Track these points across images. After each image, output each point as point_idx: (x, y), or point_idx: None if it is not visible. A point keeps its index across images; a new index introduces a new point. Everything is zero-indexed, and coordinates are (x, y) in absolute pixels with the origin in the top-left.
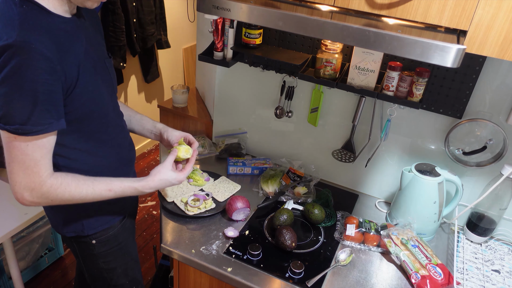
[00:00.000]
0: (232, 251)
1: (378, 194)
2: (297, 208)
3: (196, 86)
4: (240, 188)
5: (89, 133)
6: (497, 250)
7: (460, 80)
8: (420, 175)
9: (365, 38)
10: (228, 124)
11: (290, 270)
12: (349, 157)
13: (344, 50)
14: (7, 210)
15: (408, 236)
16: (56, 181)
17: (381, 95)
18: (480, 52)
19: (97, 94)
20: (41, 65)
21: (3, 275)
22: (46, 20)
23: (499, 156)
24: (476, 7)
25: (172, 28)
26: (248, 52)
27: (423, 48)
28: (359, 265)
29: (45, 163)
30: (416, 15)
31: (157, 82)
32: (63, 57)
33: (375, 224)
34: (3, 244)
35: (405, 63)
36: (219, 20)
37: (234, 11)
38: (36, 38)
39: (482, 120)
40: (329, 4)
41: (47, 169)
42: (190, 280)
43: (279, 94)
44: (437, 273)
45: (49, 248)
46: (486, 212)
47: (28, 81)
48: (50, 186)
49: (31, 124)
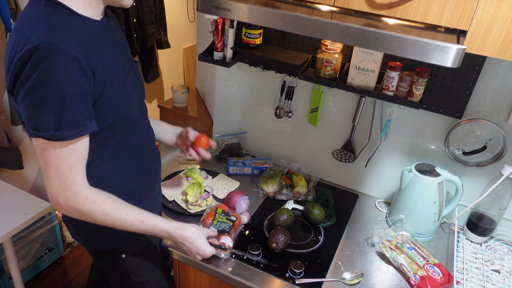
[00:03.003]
0: (232, 251)
1: (378, 194)
2: (297, 208)
3: (196, 86)
4: (239, 185)
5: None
6: (497, 250)
7: (460, 80)
8: (420, 175)
9: (365, 38)
10: (228, 124)
11: (290, 270)
12: (349, 157)
13: (344, 50)
14: (7, 210)
15: (402, 239)
16: (93, 194)
17: (381, 95)
18: (480, 52)
19: (127, 100)
20: (69, 66)
21: (3, 275)
22: (72, 21)
23: (499, 156)
24: (476, 7)
25: (172, 28)
26: (248, 52)
27: (423, 48)
28: (359, 265)
29: (80, 169)
30: (416, 15)
31: (157, 82)
32: (91, 59)
33: None
34: (3, 244)
35: (405, 63)
36: (219, 20)
37: (234, 11)
38: (62, 39)
39: (482, 120)
40: (329, 4)
41: (82, 178)
42: (190, 280)
43: (279, 94)
44: (436, 273)
45: (49, 248)
46: (486, 212)
47: (58, 84)
48: (86, 198)
49: (65, 128)
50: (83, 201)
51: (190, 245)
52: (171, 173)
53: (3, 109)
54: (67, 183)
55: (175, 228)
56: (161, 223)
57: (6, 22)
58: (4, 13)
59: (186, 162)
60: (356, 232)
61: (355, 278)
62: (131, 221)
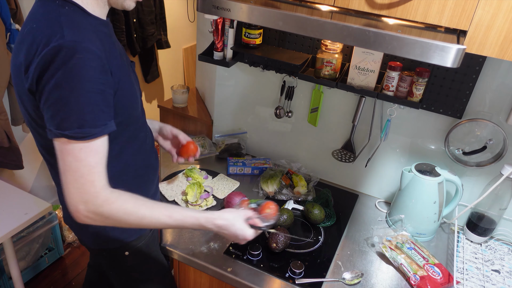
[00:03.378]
0: (232, 251)
1: (378, 194)
2: (297, 208)
3: (196, 86)
4: (239, 185)
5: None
6: (497, 250)
7: (460, 80)
8: (420, 175)
9: (365, 38)
10: (228, 124)
11: (290, 270)
12: (349, 157)
13: (344, 50)
14: (7, 210)
15: (402, 239)
16: (112, 195)
17: (381, 95)
18: (480, 52)
19: (134, 98)
20: (93, 64)
21: (3, 275)
22: (88, 21)
23: (499, 156)
24: (476, 7)
25: (172, 28)
26: (248, 52)
27: (423, 48)
28: (359, 265)
29: (100, 171)
30: (416, 15)
31: (157, 82)
32: (109, 57)
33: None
34: (3, 244)
35: (405, 63)
36: (219, 20)
37: (234, 11)
38: (85, 37)
39: (482, 120)
40: (329, 4)
41: (101, 179)
42: (190, 280)
43: (279, 94)
44: (436, 273)
45: (49, 248)
46: (486, 212)
47: (83, 81)
48: (105, 199)
49: (88, 126)
50: (102, 202)
51: (228, 232)
52: (171, 173)
53: (3, 109)
54: (86, 186)
55: (207, 218)
56: (190, 215)
57: (6, 22)
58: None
59: (186, 162)
60: (356, 232)
61: (355, 278)
62: (157, 217)
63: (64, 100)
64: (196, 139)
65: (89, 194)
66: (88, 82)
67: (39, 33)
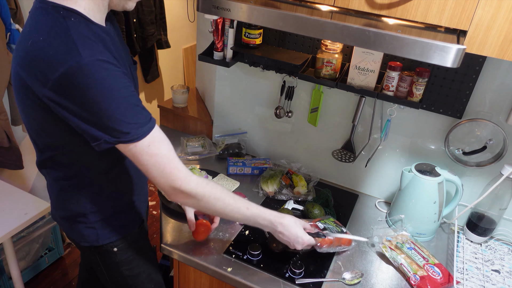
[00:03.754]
0: (232, 251)
1: (378, 194)
2: (297, 208)
3: (196, 86)
4: (239, 185)
5: None
6: (497, 250)
7: (460, 80)
8: (420, 175)
9: (365, 38)
10: (228, 124)
11: (290, 270)
12: (349, 157)
13: (344, 50)
14: (7, 210)
15: (402, 239)
16: (201, 180)
17: (381, 95)
18: (480, 52)
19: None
20: (115, 73)
21: (3, 275)
22: (93, 31)
23: (499, 156)
24: (476, 7)
25: (172, 28)
26: (248, 52)
27: (423, 48)
28: (359, 266)
29: (175, 156)
30: (416, 15)
31: (157, 82)
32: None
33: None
34: (3, 244)
35: (405, 63)
36: (219, 20)
37: (234, 11)
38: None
39: (482, 120)
40: (329, 4)
41: (181, 163)
42: (190, 280)
43: (279, 94)
44: (436, 273)
45: (49, 248)
46: (486, 212)
47: (117, 90)
48: (197, 183)
49: (141, 125)
50: (195, 186)
51: (289, 233)
52: None
53: (3, 109)
54: (173, 174)
55: (276, 216)
56: (263, 211)
57: (6, 22)
58: (4, 13)
59: (186, 162)
60: (356, 232)
61: (355, 278)
62: (238, 206)
63: (109, 112)
64: (196, 139)
65: (180, 180)
66: (122, 89)
67: (51, 49)
